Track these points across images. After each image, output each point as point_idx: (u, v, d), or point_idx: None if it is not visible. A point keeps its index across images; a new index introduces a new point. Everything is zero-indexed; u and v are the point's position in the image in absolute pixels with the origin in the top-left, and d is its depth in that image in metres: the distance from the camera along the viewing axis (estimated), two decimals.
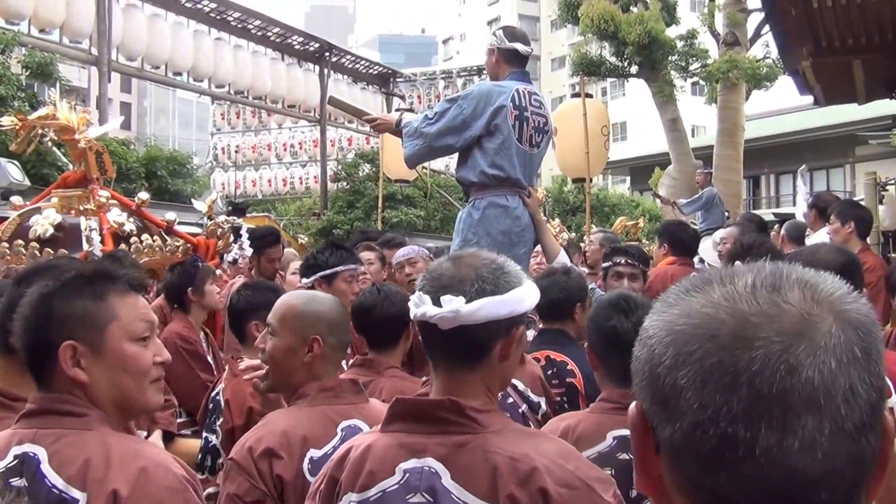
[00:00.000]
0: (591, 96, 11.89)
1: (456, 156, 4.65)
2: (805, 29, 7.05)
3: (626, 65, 18.69)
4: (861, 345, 0.76)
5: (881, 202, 10.46)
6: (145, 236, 4.80)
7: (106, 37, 14.28)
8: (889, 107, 13.98)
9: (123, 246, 4.65)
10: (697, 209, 11.13)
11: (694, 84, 21.06)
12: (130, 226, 4.80)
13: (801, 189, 8.96)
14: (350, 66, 21.52)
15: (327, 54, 20.01)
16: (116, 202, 4.95)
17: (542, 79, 58.07)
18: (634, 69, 18.79)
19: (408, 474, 1.66)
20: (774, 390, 0.72)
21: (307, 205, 22.76)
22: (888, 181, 12.43)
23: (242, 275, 6.18)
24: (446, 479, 1.64)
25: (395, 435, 1.73)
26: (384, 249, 5.50)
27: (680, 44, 18.49)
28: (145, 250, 4.70)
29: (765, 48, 18.79)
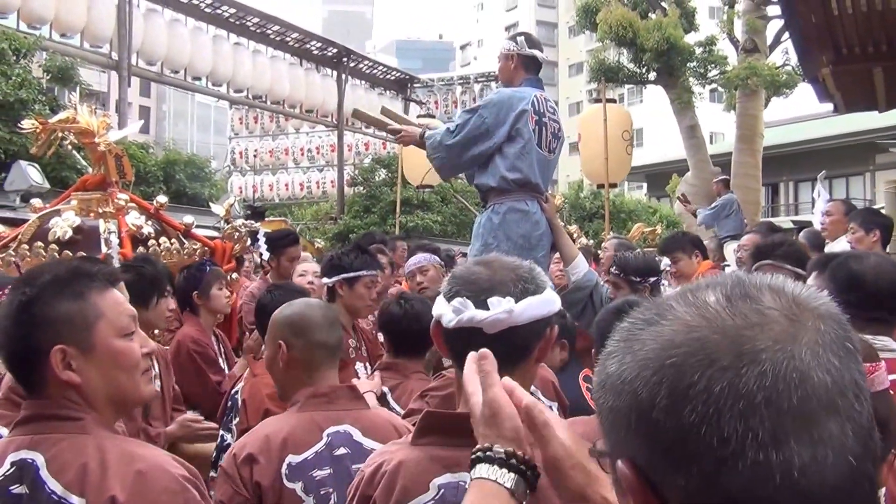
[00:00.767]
0: (615, 101, 11.86)
1: None
2: (825, 36, 7.02)
3: (643, 71, 18.67)
4: (846, 337, 0.73)
5: None
6: (163, 239, 4.81)
7: (126, 41, 14.38)
8: None
9: (141, 248, 4.67)
10: (710, 222, 10.95)
11: (712, 91, 21.02)
12: (148, 229, 4.81)
13: (823, 195, 8.86)
14: (367, 72, 21.57)
15: (345, 59, 20.06)
16: (135, 205, 4.96)
17: (560, 85, 58.06)
18: (652, 75, 18.76)
19: (443, 490, 1.62)
20: (795, 402, 0.68)
21: (324, 209, 22.79)
22: None
23: (247, 278, 6.23)
24: None
25: (427, 449, 1.68)
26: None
27: (698, 50, 18.45)
28: (163, 253, 4.72)
29: (784, 55, 18.73)
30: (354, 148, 22.43)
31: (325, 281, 4.23)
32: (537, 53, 4.61)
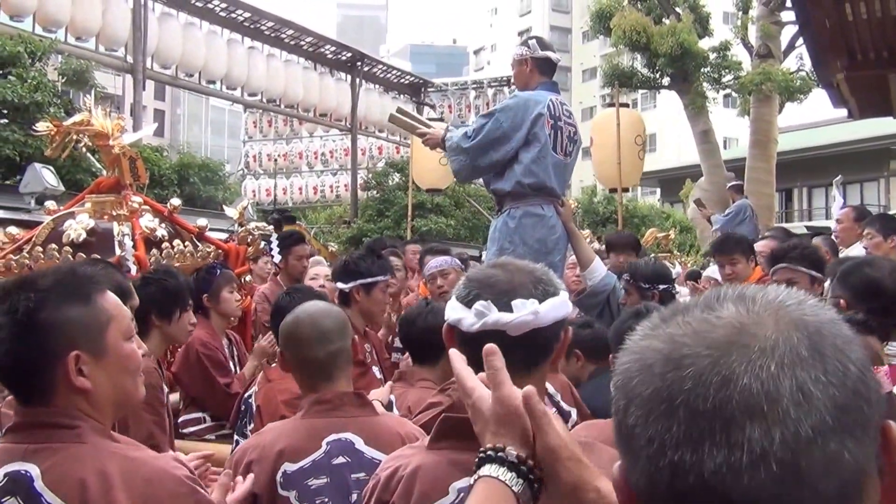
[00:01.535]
0: (628, 106, 11.85)
1: None
2: (839, 42, 6.99)
3: (657, 76, 18.63)
4: (808, 343, 0.71)
5: None
6: (177, 242, 4.82)
7: (141, 45, 14.48)
8: None
9: (155, 251, 4.69)
10: (727, 228, 10.86)
11: (726, 96, 20.94)
12: (162, 231, 4.82)
13: (838, 200, 8.79)
14: (381, 76, 21.62)
15: (359, 63, 20.11)
16: (149, 208, 4.98)
17: (573, 89, 57.94)
18: (666, 81, 18.72)
19: (462, 494, 1.59)
20: (710, 405, 0.69)
21: (337, 213, 22.84)
22: None
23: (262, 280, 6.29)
24: None
25: (444, 453, 1.66)
26: (427, 257, 5.75)
27: (712, 56, 18.39)
28: (176, 256, 4.73)
29: (798, 61, 18.68)
30: (368, 152, 22.49)
31: (341, 286, 4.20)
32: (550, 54, 4.61)
